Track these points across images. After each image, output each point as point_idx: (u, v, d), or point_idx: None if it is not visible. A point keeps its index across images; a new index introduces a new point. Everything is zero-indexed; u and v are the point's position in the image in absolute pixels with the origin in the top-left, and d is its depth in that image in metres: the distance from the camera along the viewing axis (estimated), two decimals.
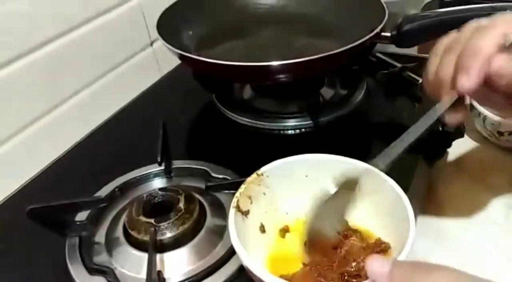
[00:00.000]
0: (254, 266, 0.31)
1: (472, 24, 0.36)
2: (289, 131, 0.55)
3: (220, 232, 0.41)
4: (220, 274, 0.38)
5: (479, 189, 0.59)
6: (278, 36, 0.62)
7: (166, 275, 0.38)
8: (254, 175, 0.39)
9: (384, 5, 0.54)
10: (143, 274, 0.38)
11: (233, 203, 0.36)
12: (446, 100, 0.36)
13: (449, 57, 0.35)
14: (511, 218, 0.55)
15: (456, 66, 0.34)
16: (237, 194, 0.37)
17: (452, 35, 0.37)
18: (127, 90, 0.67)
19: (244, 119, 0.56)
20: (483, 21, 0.35)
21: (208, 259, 0.39)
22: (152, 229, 0.38)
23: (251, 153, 0.50)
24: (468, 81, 0.33)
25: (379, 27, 0.50)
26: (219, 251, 0.40)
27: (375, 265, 0.27)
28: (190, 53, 0.53)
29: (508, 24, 0.33)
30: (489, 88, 0.35)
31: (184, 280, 0.38)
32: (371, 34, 0.49)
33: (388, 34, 0.52)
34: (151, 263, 0.36)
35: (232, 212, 0.35)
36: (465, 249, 0.52)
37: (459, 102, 0.36)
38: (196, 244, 0.40)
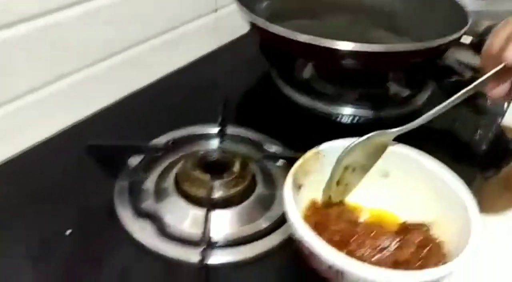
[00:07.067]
0: (307, 234, 0.31)
1: None
2: (344, 119, 0.54)
3: (267, 202, 0.41)
4: (261, 244, 0.38)
5: None
6: (351, 25, 0.61)
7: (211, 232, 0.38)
8: (312, 151, 0.38)
9: (468, 14, 0.53)
10: (186, 224, 0.39)
11: (290, 173, 0.36)
12: (492, 71, 0.38)
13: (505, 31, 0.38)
14: None
15: (507, 39, 0.37)
16: (295, 166, 0.37)
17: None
18: (185, 50, 0.66)
19: (301, 99, 0.56)
20: None
21: (251, 226, 0.39)
22: (209, 185, 0.39)
23: (303, 132, 0.50)
24: None
25: (462, 32, 0.49)
26: (263, 222, 0.40)
27: None
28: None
29: None
30: None
31: (227, 241, 0.38)
32: (451, 38, 0.48)
33: (466, 41, 0.51)
34: (207, 218, 0.36)
35: (289, 181, 0.35)
36: (506, 270, 0.52)
37: (503, 77, 0.38)
38: (243, 208, 0.40)
